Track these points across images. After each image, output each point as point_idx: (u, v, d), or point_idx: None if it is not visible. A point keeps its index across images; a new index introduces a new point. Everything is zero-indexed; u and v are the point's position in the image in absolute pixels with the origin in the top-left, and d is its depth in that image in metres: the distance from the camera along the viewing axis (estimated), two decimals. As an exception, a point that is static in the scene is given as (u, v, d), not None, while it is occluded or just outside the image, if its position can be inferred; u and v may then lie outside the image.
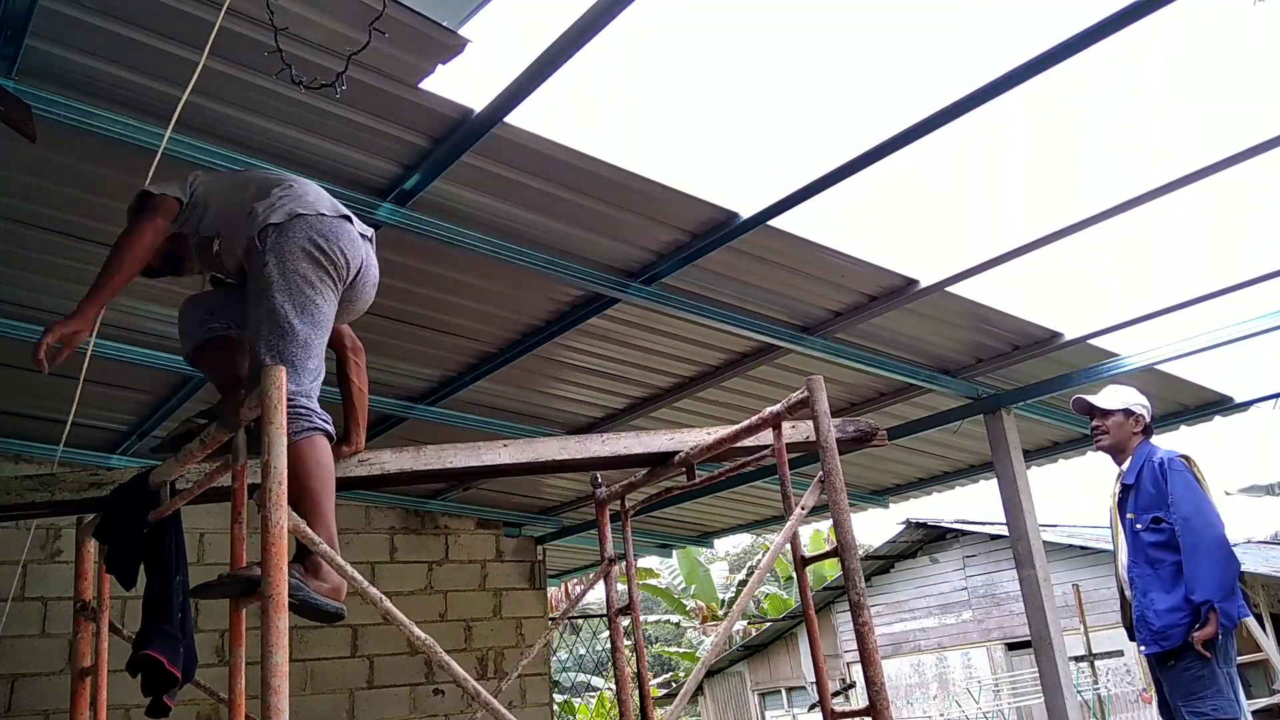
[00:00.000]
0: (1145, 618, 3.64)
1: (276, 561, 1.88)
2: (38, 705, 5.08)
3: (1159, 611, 3.59)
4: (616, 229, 3.49)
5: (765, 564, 2.91)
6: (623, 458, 3.23)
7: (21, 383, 4.46)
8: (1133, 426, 3.88)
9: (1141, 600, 3.67)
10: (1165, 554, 3.63)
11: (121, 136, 2.68)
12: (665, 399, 4.98)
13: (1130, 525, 3.77)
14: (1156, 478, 3.71)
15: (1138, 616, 3.69)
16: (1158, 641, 3.59)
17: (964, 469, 6.67)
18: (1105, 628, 15.32)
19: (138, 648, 2.48)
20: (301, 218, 2.40)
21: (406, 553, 6.55)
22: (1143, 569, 3.69)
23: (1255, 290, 4.09)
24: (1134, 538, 3.74)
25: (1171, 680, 3.60)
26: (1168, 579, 3.60)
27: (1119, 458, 3.91)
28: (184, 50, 2.50)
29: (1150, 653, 3.64)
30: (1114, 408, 3.90)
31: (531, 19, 3.31)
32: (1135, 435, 3.88)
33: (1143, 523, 3.71)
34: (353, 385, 2.86)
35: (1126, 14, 2.54)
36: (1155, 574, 3.65)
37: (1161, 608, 3.58)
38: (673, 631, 26.90)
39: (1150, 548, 3.68)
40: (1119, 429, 3.89)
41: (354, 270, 2.48)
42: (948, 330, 4.46)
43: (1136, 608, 3.70)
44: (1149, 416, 3.89)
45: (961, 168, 68.09)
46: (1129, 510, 3.78)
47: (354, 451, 2.84)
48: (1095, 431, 3.97)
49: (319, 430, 2.28)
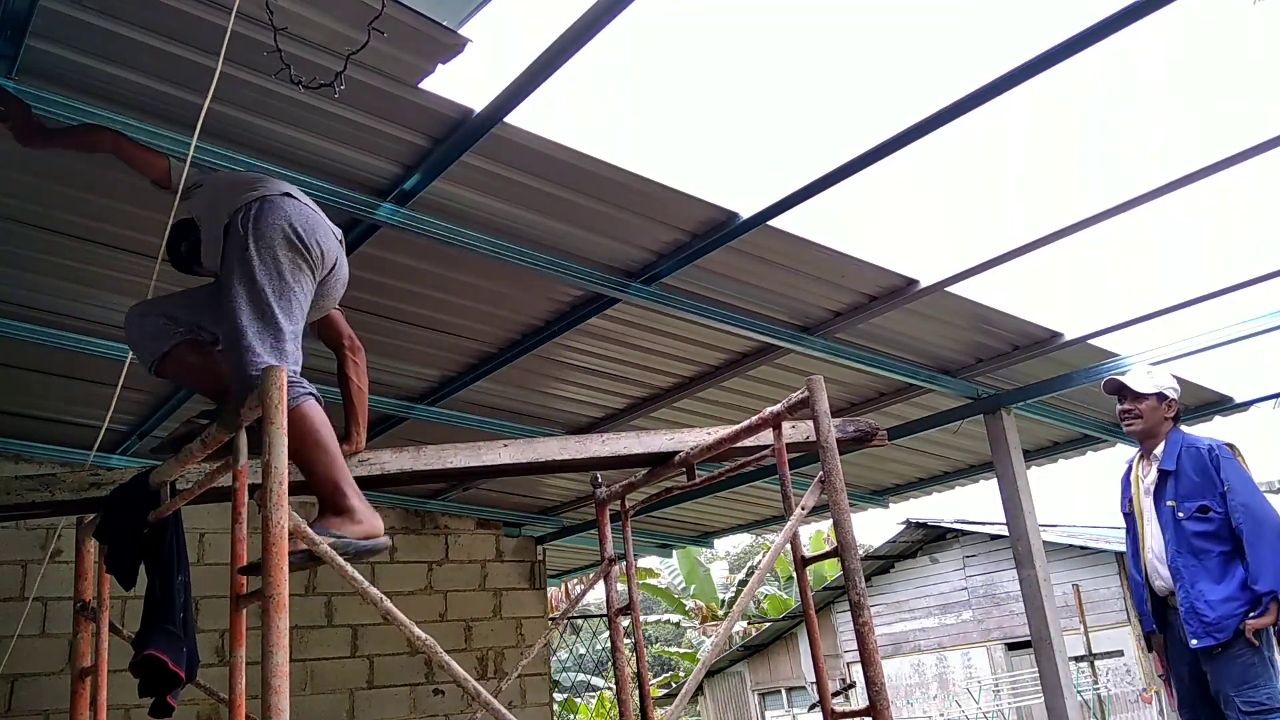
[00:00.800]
0: (1196, 610, 3.50)
1: (277, 561, 1.89)
2: (38, 705, 5.08)
3: (1211, 603, 3.46)
4: (616, 229, 3.49)
5: (765, 564, 2.91)
6: (623, 458, 3.23)
7: (21, 383, 4.46)
8: (1165, 411, 3.75)
9: (1190, 591, 3.53)
10: (1211, 544, 3.52)
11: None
12: (665, 399, 4.98)
13: (1170, 513, 3.63)
14: (1204, 465, 3.58)
15: (1186, 608, 3.54)
16: (1211, 634, 3.45)
17: (964, 469, 6.67)
18: (1105, 628, 15.36)
19: (140, 648, 2.48)
20: (282, 200, 2.43)
21: (406, 553, 6.55)
22: (1187, 559, 3.55)
23: (1255, 290, 4.09)
24: (1175, 527, 3.61)
25: (1219, 670, 3.48)
26: (1215, 569, 3.49)
27: (1150, 443, 3.78)
28: (184, 50, 2.50)
29: (1202, 646, 3.49)
30: (1148, 391, 3.75)
31: (531, 19, 3.30)
32: (1167, 420, 3.75)
33: (1185, 511, 3.58)
34: (352, 384, 2.86)
35: (1127, 14, 2.54)
36: (1201, 564, 3.52)
37: (1214, 599, 3.46)
38: (673, 631, 26.90)
39: (1195, 537, 3.54)
40: (1152, 413, 3.75)
41: (329, 265, 2.50)
42: (948, 330, 4.46)
43: (1184, 599, 3.56)
44: (1180, 401, 3.74)
45: (961, 168, 68.12)
46: (1168, 498, 3.64)
47: (355, 451, 2.84)
48: (1126, 415, 3.81)
49: (313, 395, 2.32)
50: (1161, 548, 3.69)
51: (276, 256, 2.37)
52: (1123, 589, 15.70)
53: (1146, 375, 3.83)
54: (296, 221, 2.42)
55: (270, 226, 2.38)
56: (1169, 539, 3.64)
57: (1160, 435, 3.75)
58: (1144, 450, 3.85)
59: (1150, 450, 3.80)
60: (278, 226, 2.39)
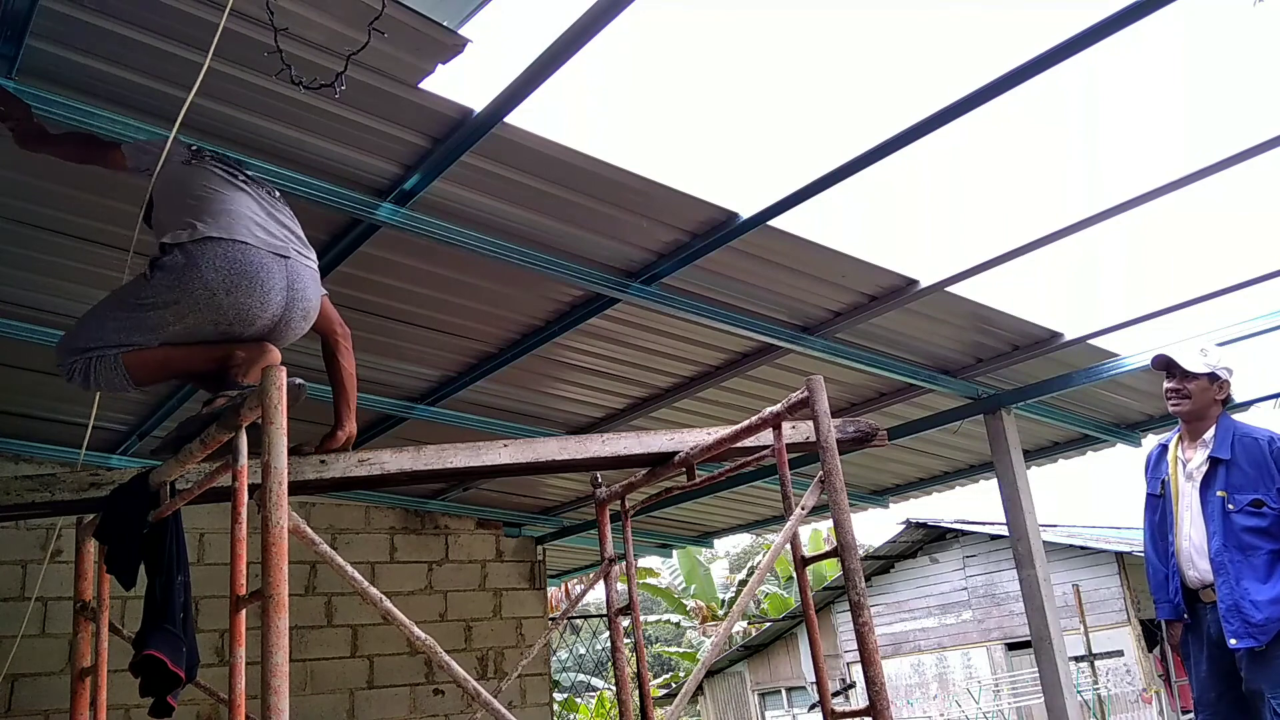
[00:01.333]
0: (1240, 608, 3.34)
1: (277, 561, 1.88)
2: (38, 705, 5.08)
3: (1258, 603, 3.30)
4: (617, 229, 3.49)
5: (765, 564, 2.91)
6: (623, 458, 3.23)
7: (22, 383, 4.46)
8: (1215, 393, 3.54)
9: (1234, 589, 3.36)
10: (1262, 540, 3.35)
11: (122, 136, 2.68)
12: (665, 399, 4.98)
13: (1219, 504, 3.44)
14: (1261, 458, 3.41)
15: (1228, 605, 3.36)
16: (1254, 635, 3.30)
17: (964, 469, 6.67)
18: (1105, 628, 15.37)
19: (140, 648, 2.48)
20: (220, 252, 2.43)
21: (406, 553, 6.55)
22: (1233, 554, 3.38)
23: (1255, 290, 4.09)
24: (1224, 519, 3.42)
25: (1258, 669, 3.33)
26: (1262, 568, 3.32)
27: (1195, 426, 3.58)
28: (184, 50, 2.50)
29: (1244, 646, 3.33)
30: (1199, 371, 3.53)
31: (532, 19, 3.30)
32: (1216, 404, 3.55)
33: (1236, 503, 3.40)
34: (342, 369, 2.81)
35: (1127, 14, 2.54)
36: (1248, 561, 3.35)
37: (1261, 599, 3.29)
38: (673, 631, 26.91)
39: (1245, 532, 3.37)
40: (1201, 394, 3.54)
41: (256, 325, 2.51)
42: (948, 330, 4.46)
43: (1226, 595, 3.37)
44: (1232, 386, 3.57)
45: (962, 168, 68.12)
46: (1218, 487, 3.45)
47: (348, 438, 2.78)
48: (1173, 395, 3.59)
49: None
50: (1203, 538, 3.49)
51: (178, 301, 2.42)
52: (1123, 589, 15.70)
53: (1200, 354, 3.59)
54: (220, 288, 2.42)
55: (191, 280, 2.41)
56: (1214, 530, 3.45)
57: (1208, 419, 3.55)
58: (1188, 433, 3.64)
59: (1197, 434, 3.59)
60: (199, 282, 2.41)
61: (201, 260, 2.40)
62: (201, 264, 2.40)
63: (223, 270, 2.41)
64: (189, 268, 2.40)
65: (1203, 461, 3.55)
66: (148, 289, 2.44)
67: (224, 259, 2.42)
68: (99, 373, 2.49)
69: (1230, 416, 3.63)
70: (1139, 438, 5.91)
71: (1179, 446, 3.69)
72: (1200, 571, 3.52)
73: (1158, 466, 3.77)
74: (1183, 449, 3.67)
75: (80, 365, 2.49)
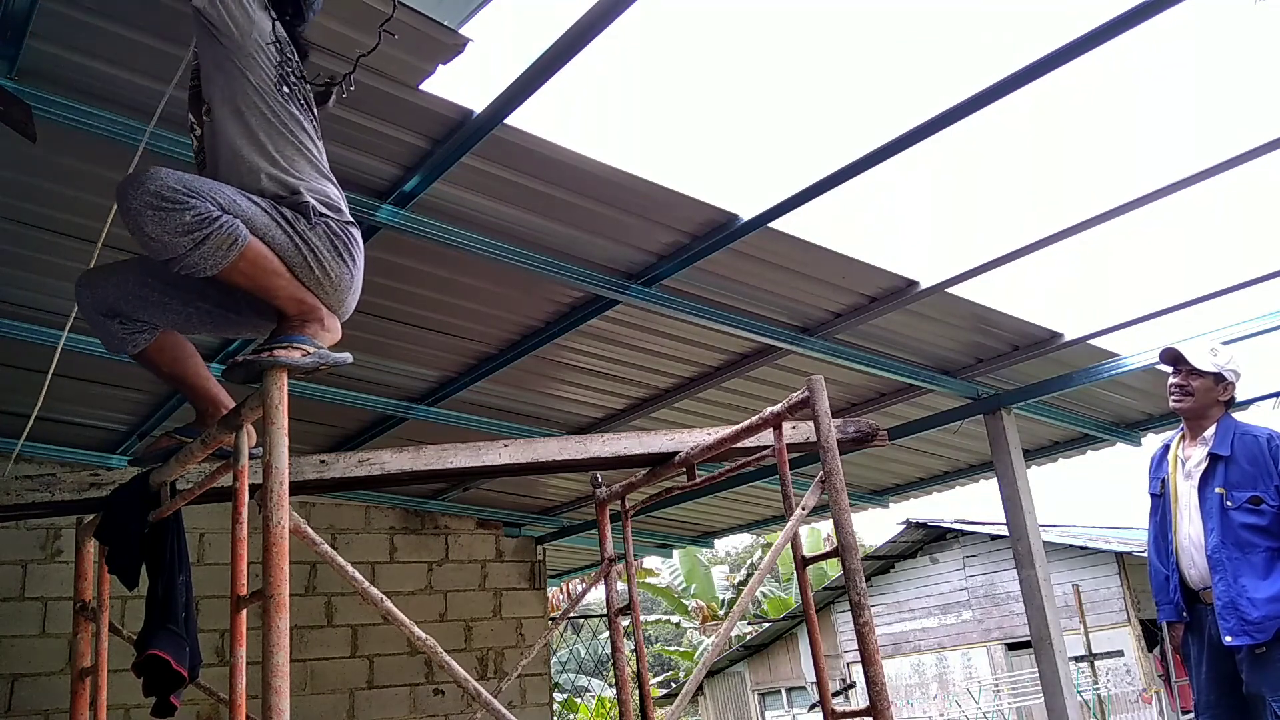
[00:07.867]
0: (1237, 606, 3.32)
1: (277, 561, 1.89)
2: (38, 705, 5.08)
3: (1256, 600, 3.28)
4: (617, 230, 3.49)
5: (765, 564, 2.91)
6: (623, 458, 3.23)
7: (21, 383, 4.46)
8: (1219, 394, 3.54)
9: (1231, 586, 3.35)
10: (1260, 538, 3.34)
11: (121, 137, 2.68)
12: (665, 399, 4.98)
13: (1217, 501, 3.43)
14: (1260, 455, 3.40)
15: (1225, 603, 3.36)
16: (1250, 633, 3.28)
17: (964, 469, 6.67)
18: (1105, 628, 15.36)
19: (142, 648, 2.48)
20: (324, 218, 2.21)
21: (406, 553, 6.55)
22: (1231, 551, 3.37)
23: (1255, 290, 4.09)
24: (1222, 516, 3.41)
25: (1258, 672, 3.32)
26: (1261, 566, 3.31)
27: (1196, 425, 3.58)
28: (184, 51, 2.49)
29: (1240, 644, 3.32)
30: (1206, 369, 3.53)
31: (532, 19, 3.29)
32: (1219, 404, 3.55)
33: (1235, 500, 3.39)
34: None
35: (1129, 17, 2.54)
36: (1246, 558, 3.34)
37: (1259, 597, 3.28)
38: (673, 631, 26.90)
39: (1243, 529, 3.37)
40: (1205, 393, 3.53)
41: (342, 314, 2.33)
42: (948, 331, 4.46)
43: (1223, 593, 3.37)
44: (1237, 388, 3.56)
45: (962, 169, 68.13)
46: (1217, 484, 3.45)
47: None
48: (1176, 390, 3.59)
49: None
50: (1201, 536, 3.48)
51: (323, 262, 2.18)
52: (1123, 589, 15.70)
53: (1209, 352, 3.58)
54: (335, 236, 2.22)
55: (353, 258, 2.25)
56: (1212, 528, 3.44)
57: (1209, 418, 3.55)
58: (1188, 431, 3.64)
59: (1198, 433, 3.59)
60: (355, 267, 2.26)
61: (355, 247, 2.27)
62: (355, 251, 2.26)
63: (361, 264, 2.31)
64: (355, 246, 2.26)
65: (1202, 459, 3.55)
66: (307, 226, 2.16)
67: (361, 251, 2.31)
68: (212, 246, 2.01)
69: (1232, 416, 3.62)
70: (1139, 437, 5.91)
71: (1180, 445, 3.70)
72: (1200, 569, 3.50)
73: (1159, 466, 3.78)
74: (1183, 448, 3.68)
75: (209, 228, 1.98)
